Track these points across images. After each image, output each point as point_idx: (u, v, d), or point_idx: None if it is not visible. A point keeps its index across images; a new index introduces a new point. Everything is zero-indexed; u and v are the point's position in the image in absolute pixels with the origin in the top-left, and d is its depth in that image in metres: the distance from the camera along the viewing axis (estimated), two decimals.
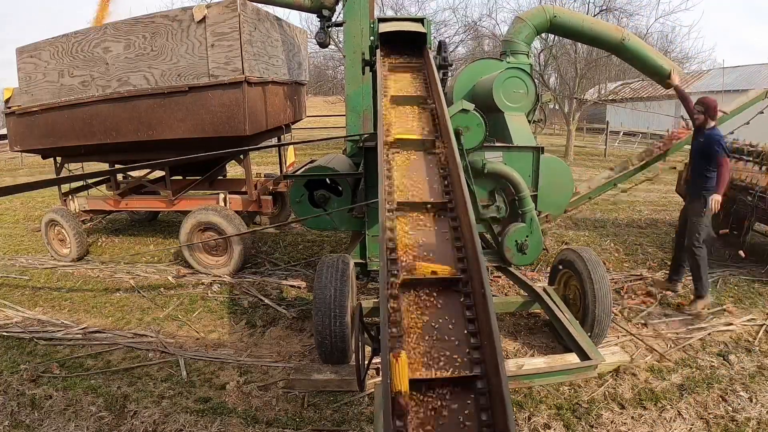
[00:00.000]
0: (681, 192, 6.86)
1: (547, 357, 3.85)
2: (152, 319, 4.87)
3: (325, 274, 3.67)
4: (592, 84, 18.42)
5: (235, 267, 5.89)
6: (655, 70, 5.53)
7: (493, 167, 4.01)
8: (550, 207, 4.42)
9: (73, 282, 5.89)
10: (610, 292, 3.95)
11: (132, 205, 6.93)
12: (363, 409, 3.41)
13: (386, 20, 3.99)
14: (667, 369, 3.84)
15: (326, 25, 6.17)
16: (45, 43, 6.02)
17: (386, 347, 1.64)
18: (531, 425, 3.19)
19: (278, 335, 4.51)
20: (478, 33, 19.10)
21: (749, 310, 4.87)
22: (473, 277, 1.94)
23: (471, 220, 2.05)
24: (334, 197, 4.50)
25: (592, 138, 24.58)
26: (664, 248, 6.78)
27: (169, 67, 5.48)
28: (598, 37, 5.41)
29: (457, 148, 2.53)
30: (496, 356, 1.56)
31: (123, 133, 5.85)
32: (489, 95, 4.31)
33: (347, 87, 5.63)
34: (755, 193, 5.51)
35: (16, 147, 6.74)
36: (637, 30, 16.61)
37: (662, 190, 10.74)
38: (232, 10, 5.18)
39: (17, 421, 3.32)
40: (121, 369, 3.96)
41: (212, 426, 3.22)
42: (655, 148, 5.75)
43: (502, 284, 5.48)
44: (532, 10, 5.44)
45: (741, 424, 3.20)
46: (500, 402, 1.49)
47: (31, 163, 17.38)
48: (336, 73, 21.31)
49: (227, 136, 5.52)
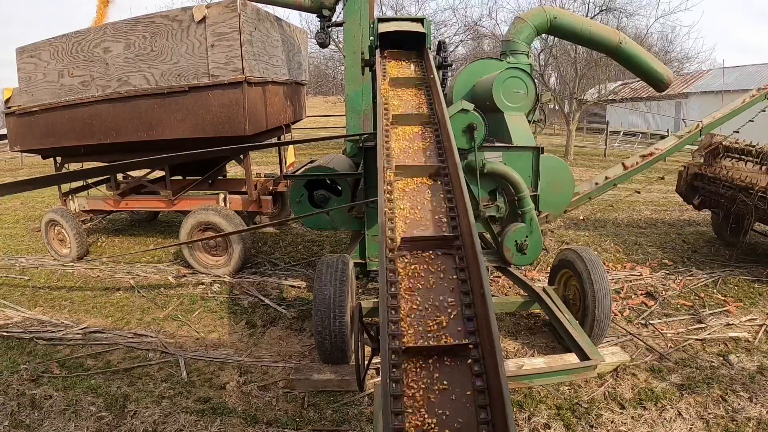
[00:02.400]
0: (681, 192, 6.88)
1: (547, 357, 3.85)
2: (152, 319, 4.87)
3: (325, 274, 3.67)
4: (592, 84, 18.42)
5: (235, 267, 5.89)
6: (650, 73, 5.58)
7: (493, 167, 4.00)
8: (550, 207, 4.42)
9: (73, 282, 5.89)
10: (610, 292, 3.95)
11: (132, 205, 6.92)
12: (363, 409, 3.41)
13: (386, 20, 3.99)
14: (667, 369, 3.84)
15: (326, 25, 6.17)
16: (45, 43, 6.02)
17: (386, 346, 1.65)
18: (531, 425, 3.19)
19: (278, 335, 4.51)
20: (478, 33, 19.14)
21: (749, 310, 4.87)
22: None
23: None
24: (334, 197, 4.50)
25: (592, 138, 24.59)
26: (664, 248, 6.78)
27: (169, 67, 5.48)
28: (596, 40, 5.43)
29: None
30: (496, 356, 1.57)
31: (123, 133, 5.85)
32: (489, 95, 4.31)
33: (347, 87, 5.63)
34: (755, 193, 5.50)
35: (16, 147, 6.74)
36: (637, 30, 16.68)
37: (662, 190, 10.73)
38: (232, 10, 5.18)
39: (17, 421, 3.32)
40: (121, 369, 3.96)
41: (212, 426, 3.22)
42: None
43: (502, 284, 5.49)
44: (533, 10, 5.45)
45: (741, 424, 3.20)
46: (500, 402, 1.49)
47: (31, 163, 17.37)
48: (336, 73, 21.32)
49: (227, 136, 5.51)
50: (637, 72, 5.73)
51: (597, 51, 7.13)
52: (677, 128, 19.55)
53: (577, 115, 16.50)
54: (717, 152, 6.36)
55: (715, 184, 6.14)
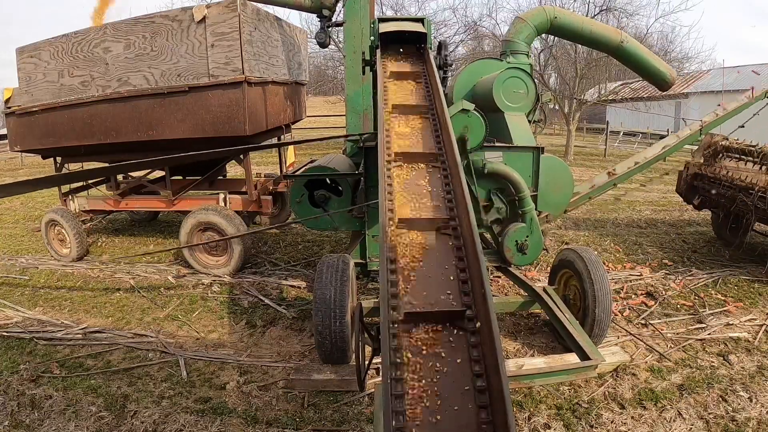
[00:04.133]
0: (681, 192, 6.88)
1: (547, 357, 3.85)
2: (152, 319, 4.87)
3: (325, 274, 3.67)
4: (592, 84, 18.42)
5: (235, 267, 5.89)
6: (652, 73, 5.55)
7: (493, 167, 4.01)
8: (550, 207, 4.42)
9: (73, 282, 5.89)
10: (610, 292, 3.95)
11: (132, 205, 6.92)
12: (363, 409, 3.41)
13: (386, 20, 3.99)
14: (667, 369, 3.84)
15: (326, 25, 6.17)
16: (45, 44, 6.02)
17: (386, 346, 1.65)
18: (531, 425, 3.19)
19: (278, 335, 4.52)
20: (478, 33, 19.12)
21: (749, 310, 4.87)
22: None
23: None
24: (334, 197, 4.50)
25: (592, 138, 24.59)
26: (664, 248, 6.78)
27: (169, 67, 5.48)
28: (597, 40, 5.41)
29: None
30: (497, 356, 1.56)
31: (123, 133, 5.85)
32: (489, 95, 4.31)
33: (347, 87, 5.63)
34: (755, 193, 5.50)
35: (16, 147, 6.74)
36: (637, 30, 16.66)
37: (662, 190, 10.74)
38: (232, 10, 5.18)
39: (17, 421, 3.32)
40: (121, 369, 3.96)
41: (212, 426, 3.22)
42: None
43: (502, 284, 5.49)
44: (533, 10, 5.44)
45: (741, 424, 3.20)
46: (500, 401, 1.49)
47: (31, 163, 17.37)
48: (336, 73, 21.29)
49: (227, 136, 5.51)
50: (640, 71, 5.71)
51: (599, 50, 7.12)
52: (677, 128, 19.56)
53: (577, 115, 16.51)
54: (717, 152, 6.37)
55: (715, 184, 6.14)
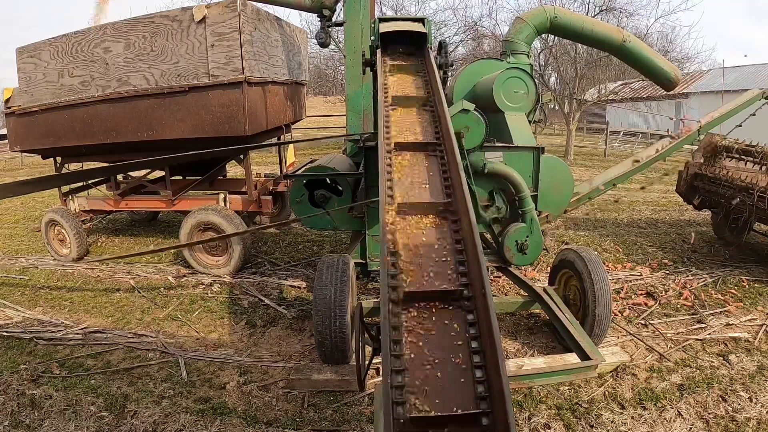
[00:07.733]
0: (681, 192, 6.88)
1: (547, 357, 3.85)
2: (152, 319, 4.87)
3: (325, 274, 3.67)
4: (592, 84, 18.42)
5: (235, 267, 5.89)
6: (656, 72, 5.51)
7: (494, 167, 4.01)
8: (550, 207, 4.42)
9: (73, 282, 5.89)
10: (610, 292, 3.95)
11: (132, 205, 6.92)
12: (363, 409, 3.41)
13: (387, 20, 3.98)
14: (667, 369, 3.84)
15: (326, 25, 6.17)
16: (45, 43, 6.02)
17: (387, 345, 1.65)
18: (531, 425, 3.19)
19: (278, 335, 4.52)
20: (478, 33, 19.14)
21: (749, 310, 4.87)
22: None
23: (473, 222, 2.05)
24: (334, 197, 4.50)
25: (592, 138, 24.58)
26: (664, 248, 6.78)
27: (169, 67, 5.48)
28: (599, 39, 5.39)
29: (457, 147, 2.56)
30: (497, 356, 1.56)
31: (123, 133, 5.85)
32: (489, 95, 4.31)
33: (347, 87, 5.63)
34: (755, 193, 5.50)
35: (16, 147, 6.74)
36: (637, 30, 16.65)
37: (662, 190, 10.74)
38: (232, 10, 5.18)
39: (17, 421, 3.32)
40: (121, 369, 3.96)
41: (212, 426, 3.22)
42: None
43: (502, 284, 5.49)
44: (533, 10, 5.44)
45: (741, 424, 3.20)
46: (500, 400, 1.49)
47: (31, 163, 17.37)
48: (336, 73, 21.34)
49: (227, 136, 5.51)
50: (643, 71, 5.66)
51: (601, 50, 7.09)
52: (677, 128, 19.56)
53: (577, 115, 16.50)
54: (717, 152, 6.37)
55: (715, 184, 6.14)
